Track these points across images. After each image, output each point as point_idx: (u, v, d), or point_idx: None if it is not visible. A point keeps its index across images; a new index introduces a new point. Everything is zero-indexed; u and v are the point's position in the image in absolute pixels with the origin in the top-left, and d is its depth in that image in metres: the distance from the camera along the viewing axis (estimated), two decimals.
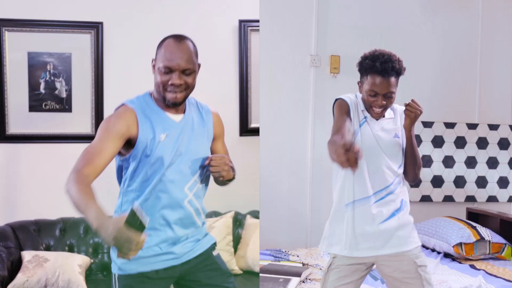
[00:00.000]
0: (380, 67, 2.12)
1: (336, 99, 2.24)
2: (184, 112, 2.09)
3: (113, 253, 2.05)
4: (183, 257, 2.07)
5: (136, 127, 1.97)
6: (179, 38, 2.00)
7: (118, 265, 2.03)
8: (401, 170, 2.23)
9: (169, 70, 1.96)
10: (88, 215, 1.71)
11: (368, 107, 2.19)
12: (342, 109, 2.19)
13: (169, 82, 1.97)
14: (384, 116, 2.23)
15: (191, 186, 2.06)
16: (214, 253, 2.17)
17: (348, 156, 1.75)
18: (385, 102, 2.15)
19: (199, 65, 2.05)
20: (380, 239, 2.18)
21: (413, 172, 2.25)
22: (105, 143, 1.91)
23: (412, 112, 2.17)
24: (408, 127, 2.19)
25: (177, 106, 2.04)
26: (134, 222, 1.66)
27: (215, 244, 2.20)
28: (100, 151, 1.89)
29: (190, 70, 1.99)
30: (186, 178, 2.05)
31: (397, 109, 2.28)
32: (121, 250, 1.66)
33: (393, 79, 2.14)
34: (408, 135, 2.21)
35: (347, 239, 2.19)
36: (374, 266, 2.29)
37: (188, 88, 2.02)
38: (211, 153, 2.18)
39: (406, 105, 2.18)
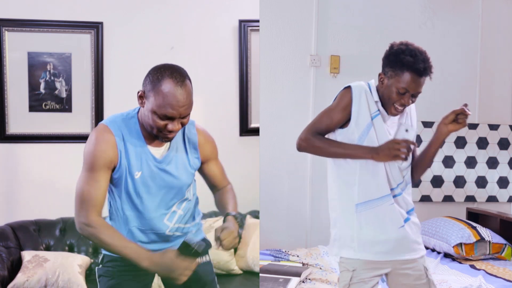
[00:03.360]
0: (422, 67, 2.01)
1: (346, 87, 2.10)
2: (169, 146, 1.95)
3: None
4: None
5: (116, 156, 1.87)
6: (180, 80, 1.77)
7: None
8: (409, 168, 2.13)
9: (167, 118, 1.79)
10: (131, 255, 1.77)
11: (389, 102, 2.06)
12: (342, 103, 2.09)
13: (167, 128, 1.80)
14: None
15: (170, 217, 2.00)
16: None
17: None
18: (411, 102, 2.06)
19: None
20: (399, 242, 2.06)
21: (421, 173, 2.19)
22: (98, 180, 1.83)
23: (465, 119, 2.02)
24: (447, 134, 2.05)
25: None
26: (188, 252, 1.81)
27: None
28: (98, 189, 1.82)
29: (188, 113, 1.84)
30: (164, 211, 1.98)
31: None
32: (176, 278, 1.79)
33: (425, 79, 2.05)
34: (441, 140, 2.08)
35: (366, 242, 2.06)
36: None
37: (183, 126, 1.88)
38: (206, 177, 2.13)
39: (459, 112, 2.02)
